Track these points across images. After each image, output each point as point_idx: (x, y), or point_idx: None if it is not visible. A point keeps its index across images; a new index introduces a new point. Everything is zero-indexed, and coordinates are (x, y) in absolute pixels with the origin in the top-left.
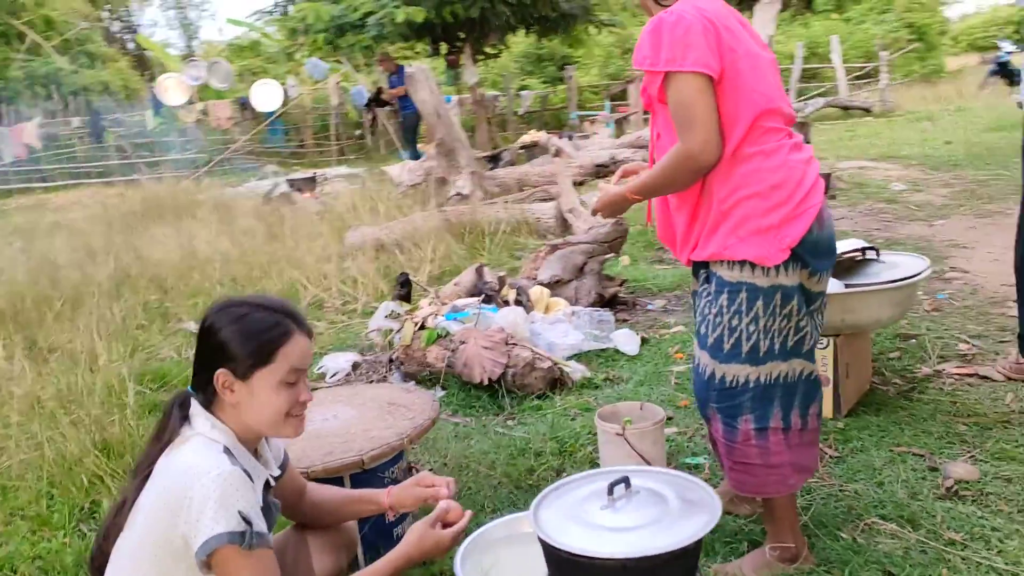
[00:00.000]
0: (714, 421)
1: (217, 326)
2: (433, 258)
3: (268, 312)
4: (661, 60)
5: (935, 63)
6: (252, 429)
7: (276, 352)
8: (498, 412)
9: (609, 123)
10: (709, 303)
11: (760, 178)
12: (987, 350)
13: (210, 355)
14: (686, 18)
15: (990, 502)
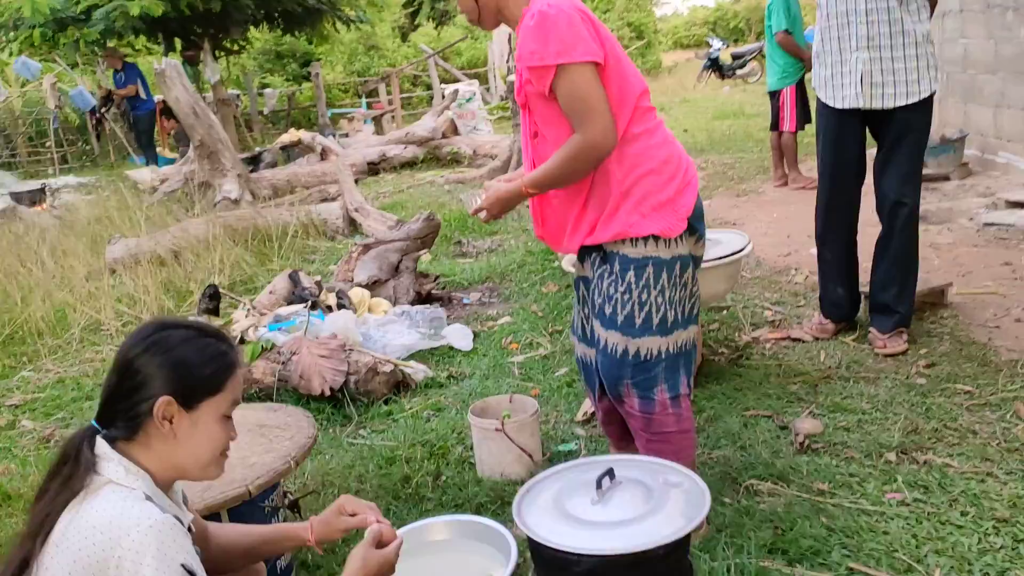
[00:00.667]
0: (628, 397)
1: (161, 348)
2: (222, 267)
3: (212, 338)
4: (551, 53)
5: (654, 59)
6: (177, 469)
7: (225, 381)
8: (345, 422)
9: (367, 120)
10: (613, 283)
11: (651, 155)
12: (789, 315)
13: (142, 382)
14: (565, 10)
15: (838, 451)
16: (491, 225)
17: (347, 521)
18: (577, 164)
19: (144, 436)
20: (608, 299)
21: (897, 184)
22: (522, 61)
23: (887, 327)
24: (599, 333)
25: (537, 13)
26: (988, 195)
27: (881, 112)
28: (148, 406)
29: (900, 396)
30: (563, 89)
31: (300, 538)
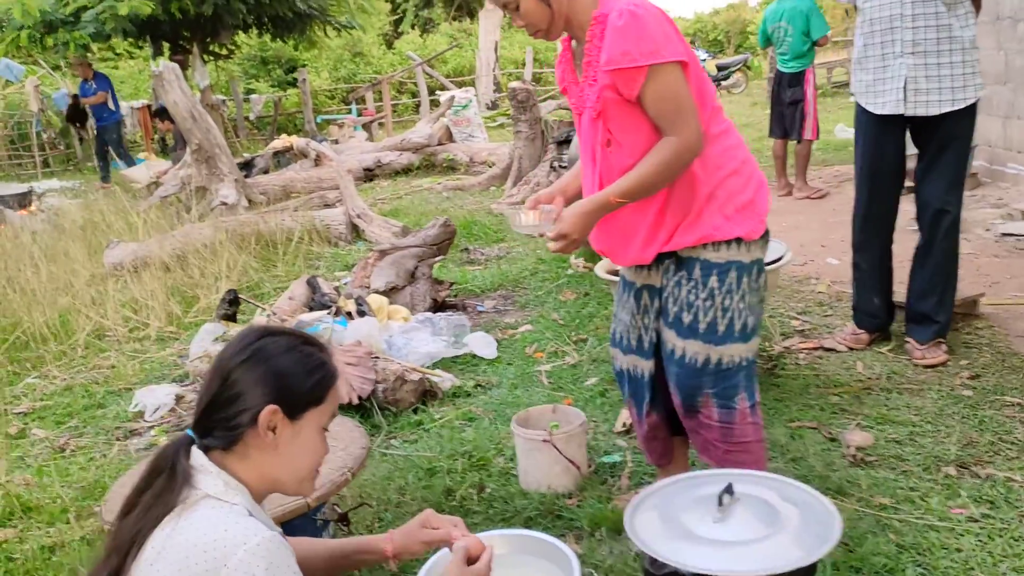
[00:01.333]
0: (707, 408)
1: (264, 356)
2: (228, 273)
3: (313, 346)
4: (643, 54)
5: None
6: (274, 482)
7: (327, 392)
8: (374, 432)
9: (357, 126)
10: (693, 290)
11: (732, 155)
12: (817, 324)
13: (245, 391)
14: (652, 9)
15: (894, 464)
16: (498, 232)
17: (430, 534)
18: (672, 168)
19: (243, 447)
20: (687, 307)
21: (941, 192)
22: (611, 64)
23: (926, 337)
24: (673, 343)
25: (627, 13)
26: (1001, 206)
27: (924, 119)
28: (251, 415)
29: (948, 408)
30: (654, 91)
31: (379, 551)
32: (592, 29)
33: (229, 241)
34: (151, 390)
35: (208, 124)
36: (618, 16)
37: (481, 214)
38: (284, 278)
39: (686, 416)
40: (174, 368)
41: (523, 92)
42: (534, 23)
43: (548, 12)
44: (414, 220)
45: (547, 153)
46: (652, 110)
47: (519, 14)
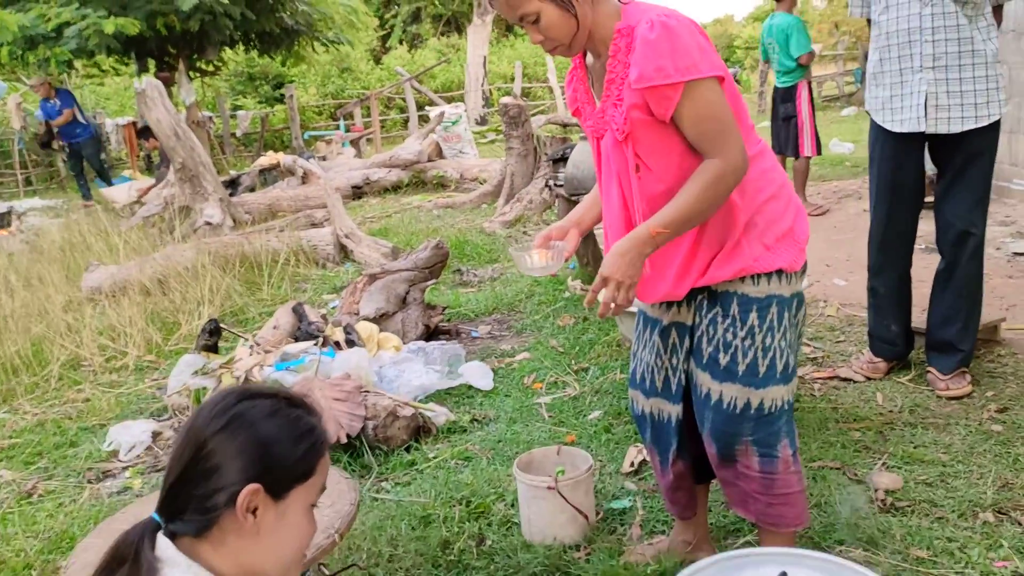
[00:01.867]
0: (746, 457)
1: (244, 424)
2: (212, 297)
3: (300, 409)
4: (680, 69)
5: None
6: (254, 572)
7: (316, 464)
8: (364, 473)
9: (345, 143)
10: (731, 328)
11: (770, 178)
12: (829, 351)
13: (221, 466)
14: (685, 20)
15: (927, 510)
16: (491, 252)
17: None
18: (719, 193)
19: (218, 532)
20: (724, 347)
21: (965, 212)
22: (644, 80)
23: (949, 367)
24: (709, 387)
25: (659, 24)
26: (1009, 223)
27: (945, 136)
28: (228, 495)
29: (979, 446)
30: (692, 109)
31: None
32: (616, 43)
33: (212, 263)
34: (126, 426)
35: (192, 142)
36: (649, 28)
37: (473, 233)
38: (269, 302)
39: (721, 466)
40: (152, 401)
41: (515, 108)
42: (555, 37)
43: (573, 24)
44: (404, 240)
45: (540, 170)
46: (692, 131)
47: (538, 27)
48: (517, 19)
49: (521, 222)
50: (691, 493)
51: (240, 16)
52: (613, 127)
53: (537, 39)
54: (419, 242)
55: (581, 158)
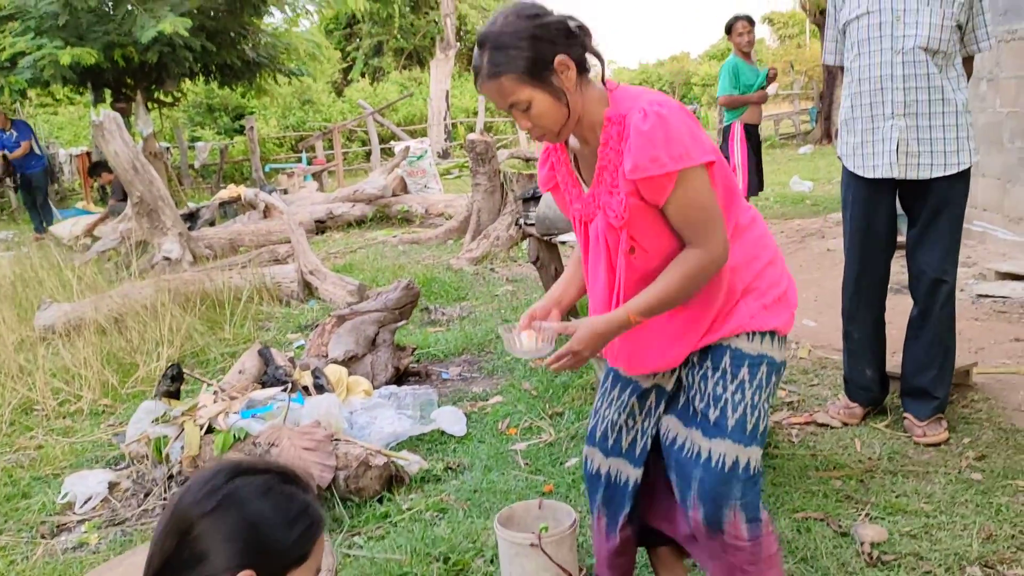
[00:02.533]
0: (735, 525)
1: (234, 504)
2: (171, 338)
3: (294, 486)
4: (673, 158)
5: None
6: None
7: (312, 546)
8: (335, 527)
9: (307, 176)
10: (721, 381)
11: (765, 244)
12: (804, 395)
13: (209, 551)
14: (676, 108)
15: (914, 564)
16: (459, 289)
17: None
18: (697, 283)
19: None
20: (714, 401)
21: (937, 260)
22: (639, 171)
23: (925, 414)
24: (698, 445)
25: (653, 115)
26: (970, 265)
27: (916, 183)
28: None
29: (960, 495)
30: (681, 198)
31: None
32: (607, 131)
33: (172, 301)
34: (82, 476)
35: (151, 175)
36: (643, 118)
37: (440, 269)
38: (232, 342)
39: (709, 536)
40: (108, 449)
41: (481, 144)
42: (546, 126)
43: (564, 113)
44: (370, 276)
45: (507, 206)
46: (677, 217)
47: (529, 115)
48: (507, 106)
49: (488, 258)
50: (632, 560)
51: (200, 48)
52: (610, 214)
53: (526, 125)
54: (385, 279)
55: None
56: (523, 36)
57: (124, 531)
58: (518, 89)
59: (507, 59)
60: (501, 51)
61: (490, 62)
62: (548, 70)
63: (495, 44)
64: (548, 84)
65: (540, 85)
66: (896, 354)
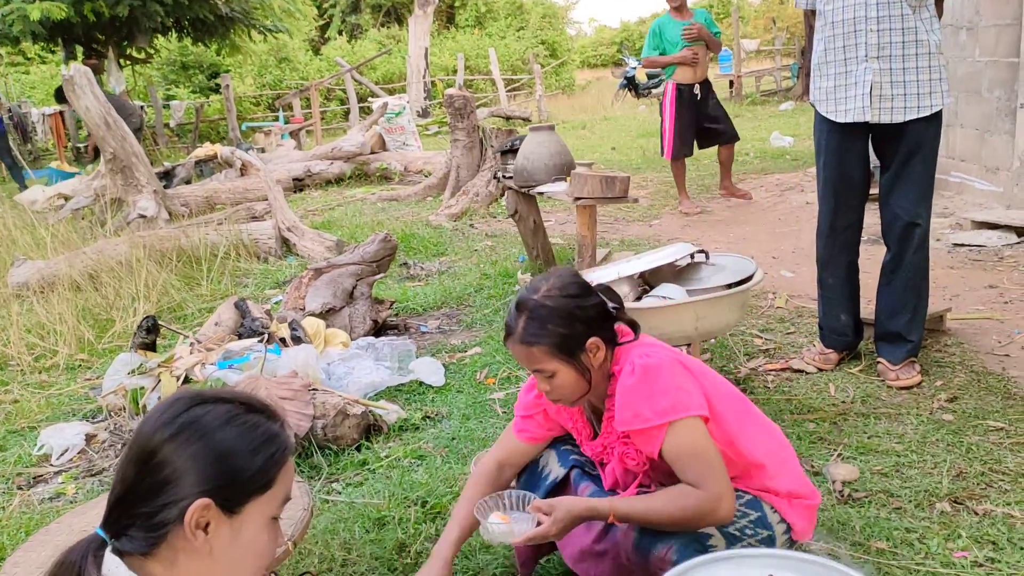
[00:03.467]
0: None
1: (197, 432)
2: (147, 293)
3: (259, 414)
4: (659, 411)
5: (568, 77)
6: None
7: (277, 474)
8: (314, 474)
9: (284, 134)
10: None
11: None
12: (781, 343)
13: (171, 479)
14: (666, 359)
15: (885, 501)
16: (438, 245)
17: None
18: (689, 523)
19: (168, 550)
20: None
21: (910, 204)
22: (624, 425)
23: (898, 357)
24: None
25: (638, 368)
26: (947, 215)
27: (889, 127)
28: (177, 511)
29: (931, 435)
30: (673, 448)
31: None
32: (613, 384)
33: (147, 258)
34: (58, 429)
35: (124, 132)
36: (629, 373)
37: (419, 226)
38: (209, 298)
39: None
40: (85, 403)
41: (460, 99)
42: (565, 396)
43: (585, 388)
44: (349, 233)
45: (486, 162)
46: (675, 464)
47: (550, 382)
48: (531, 370)
49: (468, 215)
50: (535, 551)
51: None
52: (629, 461)
53: (545, 388)
54: (364, 235)
55: (531, 149)
56: (562, 314)
57: (101, 481)
58: (546, 360)
59: (543, 332)
60: (538, 322)
61: (525, 330)
62: (580, 349)
63: (533, 314)
64: (576, 361)
65: (569, 361)
66: (871, 302)
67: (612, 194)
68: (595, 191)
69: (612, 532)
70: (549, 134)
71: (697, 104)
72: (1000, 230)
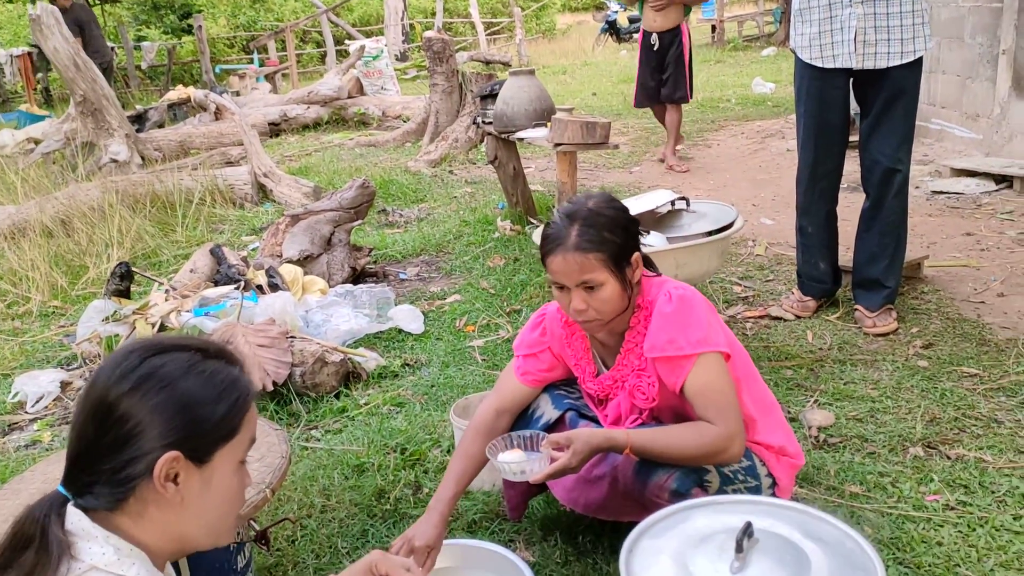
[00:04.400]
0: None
1: (157, 383)
2: (121, 240)
3: (218, 359)
4: (692, 342)
5: (549, 21)
6: (181, 540)
7: (242, 418)
8: (293, 422)
9: (259, 77)
10: None
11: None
12: (760, 290)
13: (133, 433)
14: (699, 295)
15: (859, 446)
16: (417, 191)
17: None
18: (703, 457)
19: (136, 503)
20: None
21: (891, 149)
22: (655, 351)
23: (876, 304)
24: None
25: (676, 297)
26: (927, 162)
27: (871, 72)
28: (144, 465)
29: (906, 381)
30: (698, 380)
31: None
32: (637, 316)
33: (121, 203)
34: (33, 376)
35: (94, 73)
36: (667, 301)
37: (398, 172)
38: (185, 244)
39: (630, 483)
40: (59, 350)
41: (439, 42)
42: (604, 311)
43: (624, 305)
44: (326, 179)
45: (465, 107)
46: (697, 400)
47: (593, 296)
48: (577, 282)
49: (447, 161)
50: (522, 496)
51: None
52: (639, 395)
53: (581, 307)
54: (341, 181)
55: (511, 94)
56: (618, 223)
57: None
58: (598, 270)
59: (602, 241)
60: (595, 230)
61: (581, 236)
62: (627, 262)
63: (588, 222)
64: (623, 274)
65: (618, 273)
66: (849, 250)
67: (592, 140)
68: (575, 137)
69: (610, 456)
70: (529, 79)
71: (655, 54)
72: (979, 177)
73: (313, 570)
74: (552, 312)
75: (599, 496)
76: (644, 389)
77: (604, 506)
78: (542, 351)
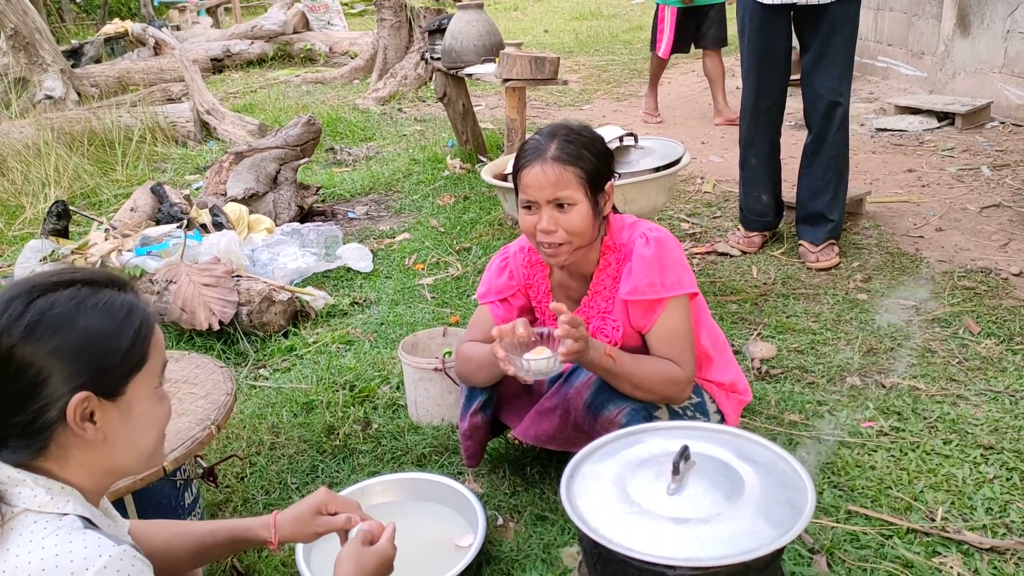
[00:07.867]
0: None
1: (50, 326)
2: (59, 179)
3: (111, 288)
4: (668, 284)
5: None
6: (112, 472)
7: (148, 345)
8: (240, 361)
9: (200, 11)
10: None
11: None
12: (707, 226)
13: (37, 380)
14: (671, 237)
15: (799, 376)
16: (365, 130)
17: (329, 522)
18: (661, 392)
19: (57, 448)
20: None
21: (833, 83)
22: (635, 294)
23: (819, 238)
24: None
25: (654, 241)
26: (872, 100)
27: (812, 8)
28: (56, 412)
29: (845, 314)
30: (666, 321)
31: (258, 539)
32: (606, 257)
33: (56, 141)
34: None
35: (24, 5)
36: (645, 244)
37: (346, 109)
38: (125, 183)
39: (582, 416)
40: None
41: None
42: (574, 235)
43: (593, 234)
44: (272, 117)
45: (414, 43)
46: (659, 342)
47: (563, 217)
48: (551, 197)
49: (396, 98)
50: (479, 445)
51: None
52: (602, 338)
53: (550, 227)
54: (288, 119)
55: (459, 28)
56: (598, 146)
57: None
58: (575, 188)
59: (580, 157)
60: (576, 146)
61: (563, 150)
62: (601, 189)
63: (569, 139)
64: (596, 200)
65: (591, 197)
66: (793, 187)
67: (541, 75)
68: (524, 72)
69: (564, 389)
70: (478, 13)
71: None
72: (922, 115)
73: (263, 505)
74: (515, 252)
75: (550, 428)
76: (608, 332)
77: (554, 437)
78: (513, 294)
